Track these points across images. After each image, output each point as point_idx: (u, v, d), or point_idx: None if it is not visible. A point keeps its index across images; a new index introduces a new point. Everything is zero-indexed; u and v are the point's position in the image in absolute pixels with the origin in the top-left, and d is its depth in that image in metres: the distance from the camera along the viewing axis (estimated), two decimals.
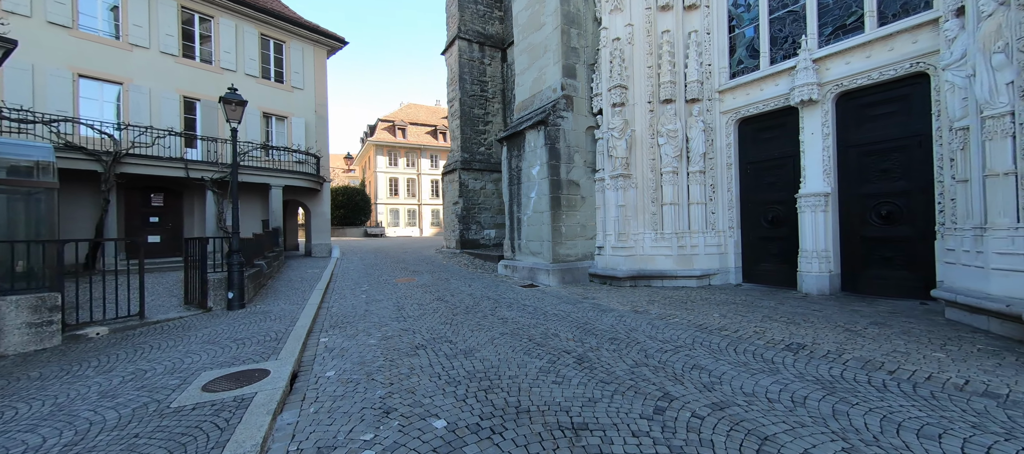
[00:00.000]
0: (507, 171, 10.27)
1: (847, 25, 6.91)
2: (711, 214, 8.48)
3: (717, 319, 5.32)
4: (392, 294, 7.63)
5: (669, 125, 8.41)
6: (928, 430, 2.46)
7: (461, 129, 16.95)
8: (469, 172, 16.82)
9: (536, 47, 9.68)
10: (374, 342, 4.54)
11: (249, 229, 12.63)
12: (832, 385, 3.17)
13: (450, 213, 17.53)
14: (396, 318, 5.68)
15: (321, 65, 15.78)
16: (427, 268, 11.76)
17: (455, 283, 8.94)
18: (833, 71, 6.90)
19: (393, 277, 9.94)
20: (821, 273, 6.97)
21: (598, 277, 8.77)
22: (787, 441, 2.32)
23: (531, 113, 9.51)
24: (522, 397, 2.98)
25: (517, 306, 6.38)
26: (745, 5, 8.35)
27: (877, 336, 4.38)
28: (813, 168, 7.15)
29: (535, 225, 9.13)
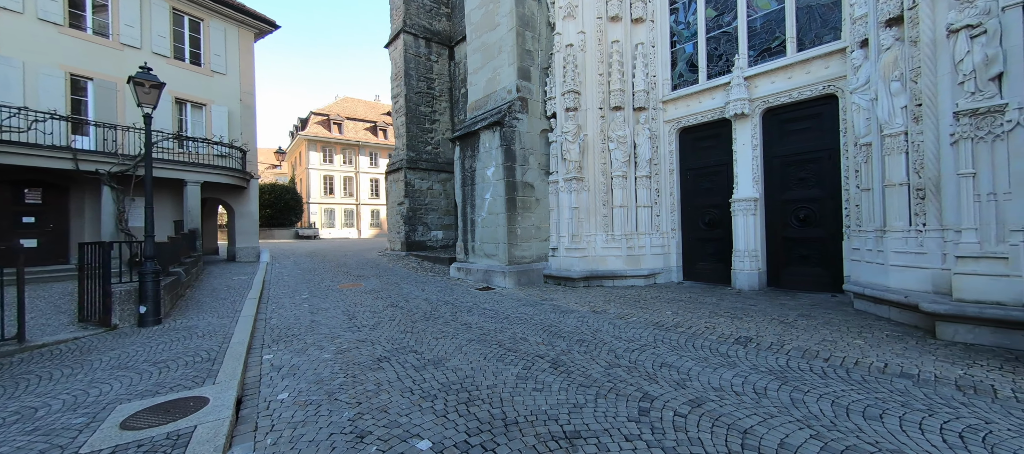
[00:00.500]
0: (460, 171, 10.05)
1: (772, 48, 7.70)
2: (656, 217, 9.00)
3: (670, 317, 5.62)
4: (339, 301, 7.07)
5: (619, 131, 8.78)
6: (870, 411, 2.77)
7: (407, 127, 16.31)
8: (415, 171, 16.24)
9: (490, 47, 9.59)
10: (328, 357, 4.14)
11: (159, 231, 11.00)
12: (783, 374, 3.47)
13: (395, 214, 16.79)
14: (349, 328, 5.26)
15: (247, 49, 14.26)
16: (372, 272, 11.12)
17: (406, 287, 8.53)
18: (761, 89, 7.66)
19: (336, 282, 9.25)
20: (751, 271, 7.70)
21: (553, 278, 8.89)
22: (764, 433, 2.48)
23: (486, 113, 9.40)
24: (506, 408, 2.88)
25: (478, 310, 6.24)
26: (685, 23, 8.98)
27: (807, 327, 4.91)
28: (744, 175, 7.87)
29: (490, 227, 9.03)
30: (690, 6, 8.85)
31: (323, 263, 13.21)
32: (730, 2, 8.21)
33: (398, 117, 16.81)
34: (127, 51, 11.35)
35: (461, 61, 17.02)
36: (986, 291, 4.20)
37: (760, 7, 7.84)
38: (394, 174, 16.70)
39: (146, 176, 5.69)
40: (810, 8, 7.22)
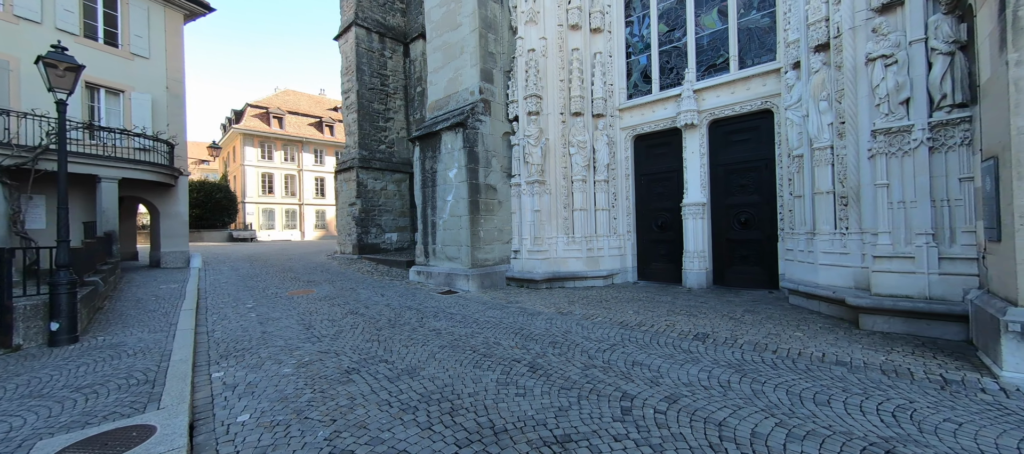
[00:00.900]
0: (420, 172, 9.80)
1: (717, 64, 8.33)
2: (614, 219, 9.37)
3: (632, 316, 5.89)
4: (290, 310, 6.60)
5: (579, 136, 9.05)
6: (819, 397, 3.09)
7: (359, 124, 15.62)
8: (368, 171, 15.59)
9: (452, 47, 9.46)
10: (289, 371, 3.85)
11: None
12: (741, 367, 3.77)
13: (345, 215, 15.99)
14: (307, 339, 4.92)
15: (175, 31, 12.85)
16: (323, 277, 10.51)
17: (364, 293, 8.16)
18: (708, 101, 8.25)
19: (284, 289, 8.62)
20: (700, 270, 8.27)
21: (515, 280, 8.95)
22: (736, 424, 2.68)
23: (448, 114, 9.24)
24: (492, 415, 2.85)
25: (444, 315, 6.11)
26: (639, 36, 9.45)
27: (753, 322, 5.37)
28: (693, 181, 8.44)
29: (452, 229, 8.89)
30: (644, 20, 9.33)
31: (266, 268, 12.26)
32: (680, 20, 8.77)
33: (349, 113, 16.05)
34: (24, 25, 9.79)
35: (417, 59, 16.62)
36: (898, 286, 4.85)
37: (707, 26, 8.45)
38: (345, 173, 15.91)
39: (59, 172, 4.92)
40: (750, 30, 7.90)
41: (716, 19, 8.32)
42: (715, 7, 8.34)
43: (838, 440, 2.46)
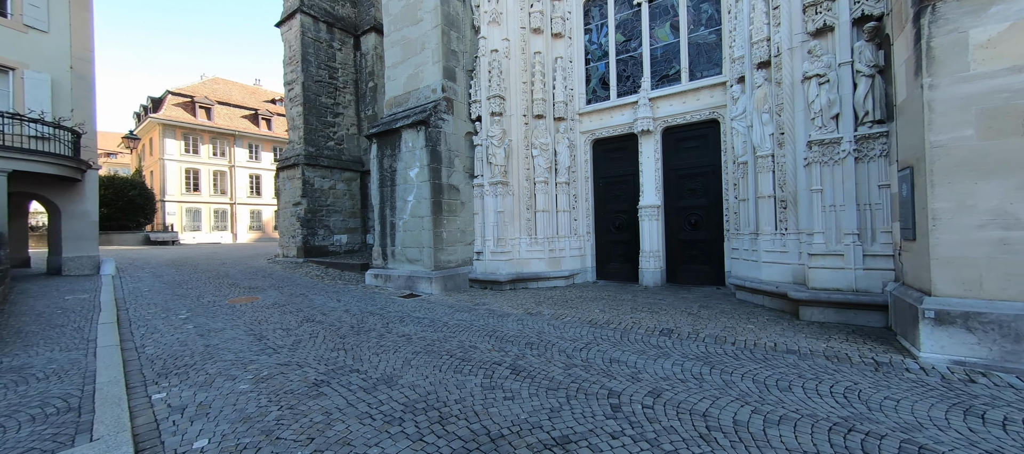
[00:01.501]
0: (377, 171, 9.37)
1: (670, 75, 8.85)
2: (574, 221, 9.60)
3: (599, 314, 6.05)
4: (235, 320, 5.99)
5: (541, 139, 9.16)
6: (781, 384, 3.37)
7: (304, 118, 14.64)
8: (315, 169, 14.65)
9: (412, 42, 9.16)
10: (247, 387, 3.47)
11: None
12: (708, 360, 4.01)
13: (288, 215, 14.89)
14: (261, 351, 4.49)
15: (82, 3, 11.19)
16: (267, 282, 9.69)
17: (318, 298, 7.63)
18: (662, 110, 8.73)
19: (223, 297, 7.82)
20: (655, 269, 8.72)
21: (478, 282, 8.85)
22: (717, 413, 2.83)
23: (408, 111, 8.93)
24: (484, 421, 2.77)
25: (411, 320, 5.88)
26: (598, 44, 9.79)
27: (709, 317, 5.75)
28: (649, 185, 8.88)
29: (413, 230, 8.60)
30: (602, 29, 9.68)
31: (196, 274, 11.05)
32: (636, 31, 9.20)
33: (293, 106, 14.98)
34: None
35: (369, 52, 15.94)
36: (830, 281, 5.44)
37: (661, 39, 8.95)
38: (288, 170, 14.82)
39: None
40: (699, 45, 8.49)
41: (669, 33, 8.84)
42: (668, 21, 8.85)
43: (808, 422, 2.69)
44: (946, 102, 3.85)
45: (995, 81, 3.67)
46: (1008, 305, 3.58)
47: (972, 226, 3.75)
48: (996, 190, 3.66)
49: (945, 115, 3.85)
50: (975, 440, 2.47)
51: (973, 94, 3.76)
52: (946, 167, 3.85)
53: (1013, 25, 3.61)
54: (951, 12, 3.83)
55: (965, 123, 3.78)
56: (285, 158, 15.06)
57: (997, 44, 3.67)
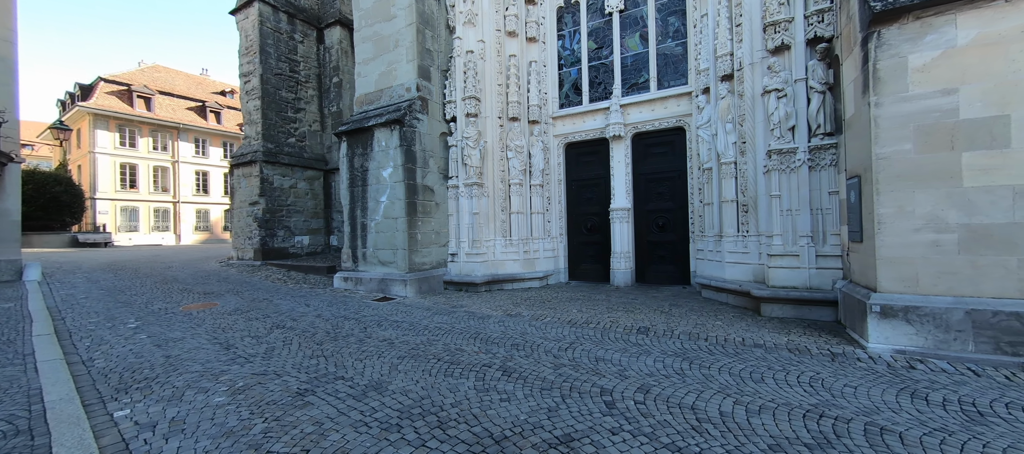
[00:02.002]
0: (347, 170, 9.04)
1: (640, 83, 9.22)
2: (548, 222, 9.75)
3: (577, 314, 6.20)
4: (194, 328, 5.57)
5: (516, 141, 9.24)
6: (755, 375, 3.63)
7: (263, 113, 13.86)
8: (275, 166, 13.90)
9: (385, 39, 8.94)
10: (223, 400, 3.26)
11: None
12: (686, 355, 4.24)
13: (244, 215, 14.02)
14: (231, 360, 4.22)
15: None
16: (224, 287, 9.08)
17: (284, 304, 7.25)
18: (632, 116, 9.08)
19: (175, 303, 7.25)
20: (626, 270, 9.04)
21: (453, 284, 8.77)
22: (704, 405, 3.01)
23: (381, 109, 8.70)
24: (485, 424, 2.78)
25: (389, 324, 5.74)
26: (570, 50, 10.01)
27: (680, 314, 6.05)
28: (619, 188, 9.20)
29: (386, 232, 8.38)
30: (575, 36, 9.91)
31: (139, 279, 10.16)
32: (607, 39, 9.51)
33: (250, 100, 14.13)
34: None
35: (333, 47, 15.37)
36: (787, 279, 5.91)
37: (631, 48, 9.31)
38: (244, 168, 13.95)
39: None
40: (666, 56, 8.91)
41: (638, 43, 9.21)
42: (637, 32, 9.22)
43: (784, 410, 2.93)
44: (889, 119, 4.31)
45: (928, 101, 4.15)
46: (940, 299, 4.07)
47: (910, 230, 4.22)
48: (929, 198, 4.15)
49: (888, 130, 4.31)
50: (924, 419, 2.80)
51: (911, 112, 4.23)
52: (889, 177, 4.31)
53: (943, 53, 4.10)
54: (894, 38, 4.29)
55: (904, 138, 4.25)
56: (241, 154, 14.16)
57: (931, 69, 4.15)
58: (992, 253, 3.92)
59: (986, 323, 3.88)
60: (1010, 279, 3.86)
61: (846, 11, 5.14)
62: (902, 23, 4.25)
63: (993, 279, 3.92)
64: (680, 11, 8.63)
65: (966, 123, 4.01)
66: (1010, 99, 3.87)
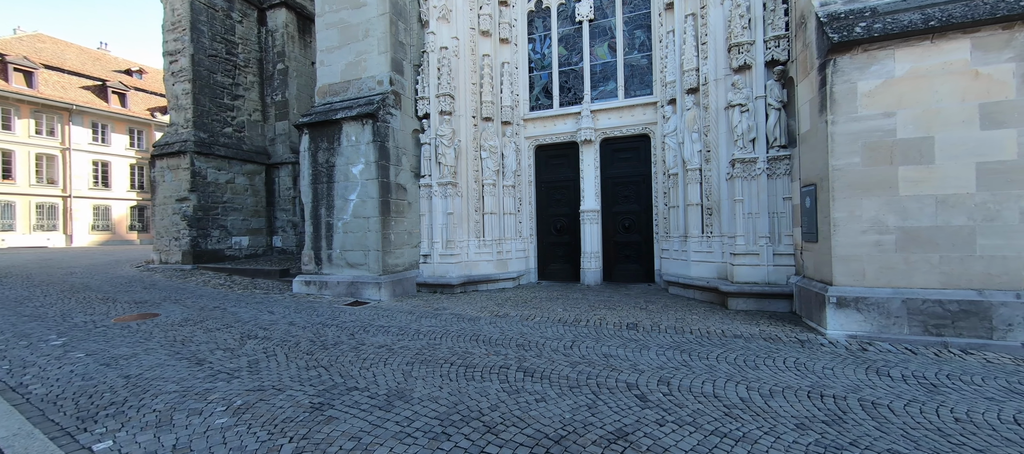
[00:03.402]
0: (310, 166, 8.37)
1: (608, 91, 9.66)
2: (519, 223, 9.84)
3: (564, 313, 6.35)
4: (142, 342, 4.84)
5: (490, 141, 9.22)
6: (748, 363, 4.00)
7: (194, 98, 12.35)
8: (209, 158, 12.45)
9: (353, 27, 8.42)
10: (227, 420, 2.89)
11: None
12: (681, 348, 4.55)
13: (170, 213, 12.38)
14: (210, 377, 3.73)
15: None
16: (157, 295, 7.96)
17: (243, 311, 6.54)
18: (601, 122, 9.47)
19: (99, 315, 6.23)
20: (595, 269, 9.41)
21: (426, 286, 8.51)
22: (722, 393, 3.27)
23: (351, 102, 8.17)
24: (535, 426, 2.76)
25: (376, 330, 5.43)
26: (541, 54, 10.20)
27: (658, 310, 6.46)
28: (589, 191, 9.56)
29: (356, 232, 7.90)
30: (545, 40, 10.12)
31: (37, 289, 8.56)
32: (578, 46, 9.83)
33: (177, 82, 12.52)
34: None
35: (278, 30, 14.16)
36: (749, 275, 6.56)
37: (600, 56, 9.71)
38: (170, 159, 12.32)
39: None
40: (633, 66, 9.43)
41: (607, 52, 9.65)
42: (606, 42, 9.65)
43: (791, 392, 3.28)
44: (843, 135, 4.99)
45: (873, 122, 4.88)
46: (882, 291, 4.79)
47: (858, 231, 4.92)
48: (873, 204, 4.87)
49: (842, 145, 4.98)
50: (897, 392, 3.29)
51: (859, 131, 4.93)
52: (842, 186, 4.99)
53: (885, 82, 4.84)
54: (846, 66, 4.98)
55: (854, 153, 4.95)
56: (166, 144, 12.48)
57: (874, 95, 4.88)
58: (920, 251, 4.71)
59: (917, 309, 4.64)
60: (933, 273, 4.67)
61: (802, 39, 5.85)
62: (853, 54, 4.94)
63: (921, 273, 4.70)
64: (646, 26, 9.18)
65: (902, 142, 4.77)
66: (934, 123, 4.68)
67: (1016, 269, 4.38)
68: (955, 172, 4.59)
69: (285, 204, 14.03)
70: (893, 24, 4.78)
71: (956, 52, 4.59)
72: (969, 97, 4.54)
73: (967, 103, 4.55)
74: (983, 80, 4.50)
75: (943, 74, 4.63)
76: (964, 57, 4.56)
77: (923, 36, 4.67)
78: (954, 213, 4.59)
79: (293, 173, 13.84)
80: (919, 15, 4.73)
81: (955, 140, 4.58)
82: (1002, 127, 4.45)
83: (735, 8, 6.76)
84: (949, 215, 4.60)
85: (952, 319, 4.52)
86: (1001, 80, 4.44)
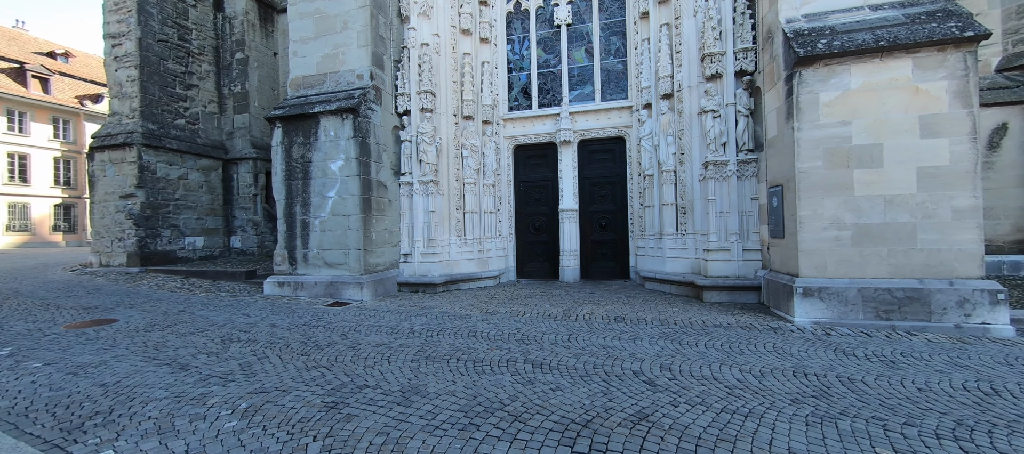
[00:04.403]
0: (283, 161, 7.97)
1: (584, 93, 9.96)
2: (499, 222, 9.90)
3: (551, 309, 6.50)
4: (107, 348, 4.43)
5: (471, 140, 9.22)
6: (734, 348, 4.33)
7: (141, 85, 11.37)
8: (159, 152, 11.50)
9: (330, 18, 8.12)
10: (237, 423, 2.74)
11: None
12: (671, 337, 4.82)
13: (113, 211, 11.30)
14: (201, 381, 3.50)
15: None
16: (107, 300, 7.27)
17: (215, 315, 6.13)
18: (579, 123, 9.75)
19: (43, 323, 5.62)
20: (574, 267, 9.66)
21: (408, 285, 8.37)
22: (721, 375, 3.52)
23: (329, 96, 7.87)
24: (560, 412, 2.85)
25: (368, 329, 5.30)
26: (520, 55, 10.34)
27: (640, 304, 6.77)
28: (567, 190, 9.81)
29: (336, 230, 7.62)
30: (524, 42, 10.27)
31: None
32: (556, 49, 10.06)
33: (122, 68, 11.47)
34: None
35: (236, 17, 13.35)
36: (722, 270, 7.04)
37: (577, 60, 10.00)
38: (113, 152, 11.26)
39: None
40: (609, 71, 9.79)
41: (584, 56, 9.95)
42: (583, 46, 9.96)
43: (778, 372, 3.59)
44: (807, 141, 5.50)
45: (833, 130, 5.42)
46: (841, 281, 5.33)
47: (820, 228, 5.44)
48: (833, 203, 5.41)
49: (807, 150, 5.49)
50: (865, 369, 3.70)
51: (821, 137, 5.46)
52: (807, 187, 5.50)
53: (842, 93, 5.40)
54: (810, 78, 5.49)
55: (817, 157, 5.47)
56: (108, 135, 11.37)
57: (834, 105, 5.42)
58: (872, 245, 5.29)
59: (870, 297, 5.21)
60: (882, 264, 5.26)
61: (769, 52, 6.37)
62: (816, 67, 5.46)
63: (872, 264, 5.28)
64: (621, 33, 9.57)
65: (857, 148, 5.33)
66: (882, 132, 5.27)
67: (949, 260, 5.04)
68: (900, 175, 5.20)
69: (245, 202, 13.21)
70: (849, 42, 5.34)
71: (901, 69, 5.20)
72: (911, 109, 5.17)
73: (909, 114, 5.18)
74: (922, 95, 5.14)
75: (890, 88, 5.24)
76: (907, 74, 5.19)
77: (874, 54, 5.26)
78: (899, 211, 5.19)
79: (255, 169, 13.08)
80: (871, 35, 5.31)
81: (900, 147, 5.19)
82: (938, 136, 5.10)
83: (707, 20, 7.23)
84: (895, 213, 5.20)
85: (899, 305, 5.12)
86: (937, 95, 5.09)
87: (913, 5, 5.43)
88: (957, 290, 4.93)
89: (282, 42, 13.89)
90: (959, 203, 5.01)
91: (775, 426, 2.60)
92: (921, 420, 2.66)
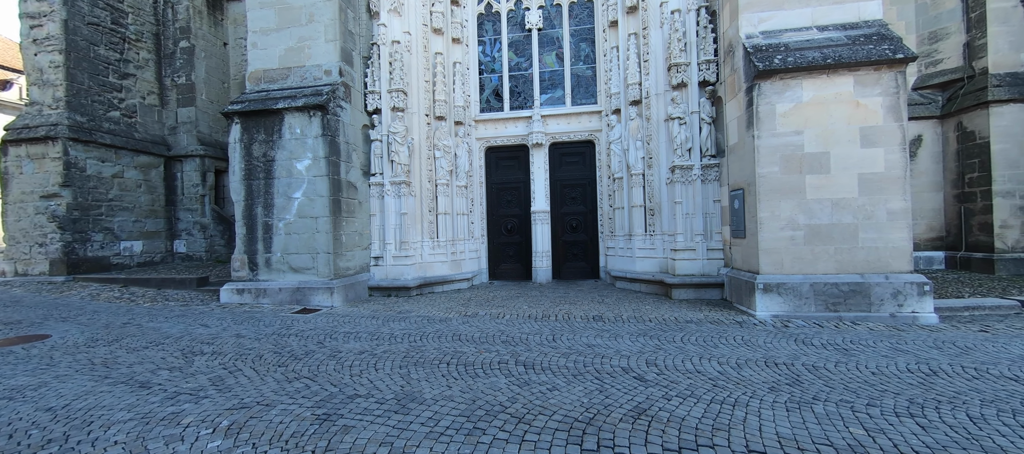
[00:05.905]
0: (243, 160, 7.44)
1: (556, 97, 10.16)
2: (471, 224, 9.85)
3: (530, 310, 6.57)
4: (46, 368, 3.94)
5: (444, 141, 9.10)
6: (709, 342, 4.60)
7: (67, 72, 10.20)
8: (90, 147, 10.37)
9: (294, 9, 7.70)
10: (223, 443, 2.53)
11: None
12: (649, 334, 5.04)
13: (30, 213, 10.04)
14: (169, 399, 3.20)
15: None
16: (31, 313, 6.45)
17: (167, 326, 5.62)
18: (550, 127, 9.92)
19: None
20: (546, 267, 9.81)
21: (380, 289, 8.11)
22: (702, 368, 3.73)
23: (295, 91, 7.45)
24: (561, 412, 2.89)
25: (344, 336, 5.08)
26: (491, 56, 10.36)
27: (614, 303, 7.00)
28: (539, 192, 9.94)
29: (302, 233, 7.23)
30: (495, 44, 10.30)
31: None
32: (527, 52, 10.17)
33: (43, 52, 10.23)
34: None
35: (179, 3, 12.28)
36: (688, 269, 7.44)
37: (548, 64, 10.17)
38: (32, 145, 10.01)
39: None
40: (579, 77, 10.05)
41: (555, 61, 10.14)
42: (554, 51, 10.15)
43: (752, 362, 3.86)
44: (765, 148, 5.95)
45: (788, 138, 5.90)
46: (795, 277, 5.81)
47: (777, 228, 5.91)
48: (789, 206, 5.89)
49: (766, 156, 5.94)
50: (823, 356, 4.07)
51: (778, 145, 5.93)
52: (766, 190, 5.95)
53: (795, 105, 5.90)
54: (768, 90, 5.95)
55: (774, 163, 5.94)
56: (25, 127, 10.08)
57: (789, 115, 5.92)
58: (821, 244, 5.82)
59: (820, 291, 5.73)
60: (830, 261, 5.80)
61: (730, 64, 6.83)
62: (773, 80, 5.93)
63: (822, 261, 5.81)
64: (591, 40, 9.86)
65: (808, 155, 5.85)
66: (829, 141, 5.82)
67: (885, 257, 5.66)
68: (844, 181, 5.76)
69: (191, 203, 12.20)
70: (801, 59, 5.85)
71: (844, 85, 5.77)
72: (853, 121, 5.75)
73: (852, 126, 5.75)
74: (862, 109, 5.73)
75: (836, 102, 5.79)
76: (850, 89, 5.76)
77: (822, 70, 5.79)
78: (844, 213, 5.75)
79: (202, 167, 12.12)
80: (819, 53, 5.85)
81: (844, 155, 5.75)
82: (874, 146, 5.70)
83: (673, 32, 7.63)
84: (841, 215, 5.76)
85: (844, 297, 5.67)
86: (874, 109, 5.70)
87: (853, 28, 6.04)
88: (892, 283, 5.54)
89: (234, 31, 12.99)
90: (893, 205, 5.63)
91: (760, 413, 2.81)
92: (880, 401, 2.98)
